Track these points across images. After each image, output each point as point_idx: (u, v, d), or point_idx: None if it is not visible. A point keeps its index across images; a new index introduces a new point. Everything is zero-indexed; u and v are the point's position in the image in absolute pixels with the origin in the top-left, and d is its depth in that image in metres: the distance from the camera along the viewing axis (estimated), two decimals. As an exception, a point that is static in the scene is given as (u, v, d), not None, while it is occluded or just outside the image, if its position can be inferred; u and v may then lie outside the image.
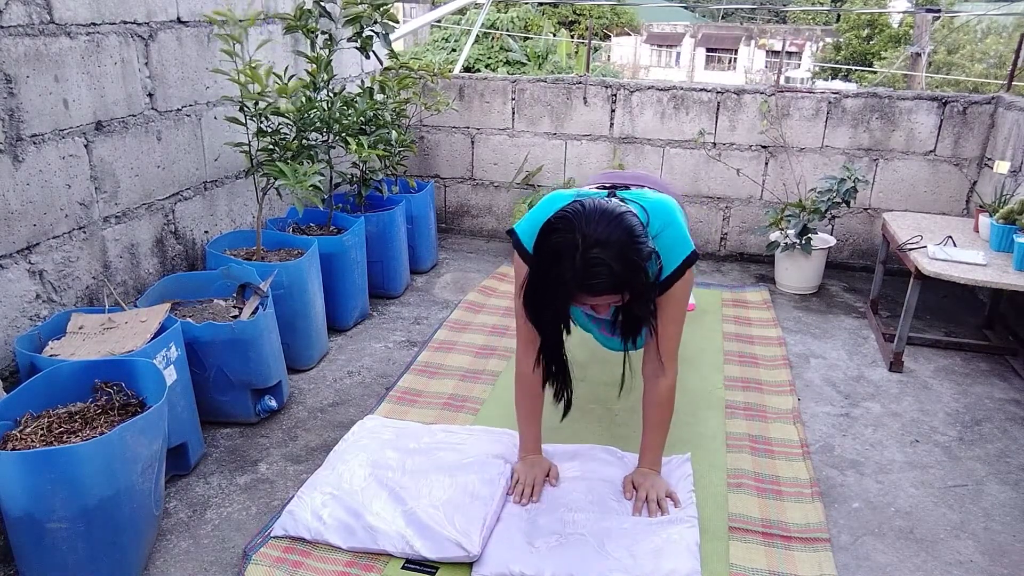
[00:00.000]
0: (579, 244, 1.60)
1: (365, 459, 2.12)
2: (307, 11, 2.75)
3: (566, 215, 1.65)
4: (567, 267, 1.62)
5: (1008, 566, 1.90)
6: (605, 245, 1.60)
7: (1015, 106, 3.48)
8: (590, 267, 1.60)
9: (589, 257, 1.60)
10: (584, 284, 1.63)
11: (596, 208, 1.66)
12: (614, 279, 1.62)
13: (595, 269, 1.60)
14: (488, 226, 4.48)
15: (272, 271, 2.56)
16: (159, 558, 1.86)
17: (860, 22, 18.13)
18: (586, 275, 1.61)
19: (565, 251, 1.61)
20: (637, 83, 4.06)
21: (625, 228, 1.64)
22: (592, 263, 1.60)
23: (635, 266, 1.64)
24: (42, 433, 1.76)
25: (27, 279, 2.08)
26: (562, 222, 1.64)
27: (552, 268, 1.65)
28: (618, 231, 1.63)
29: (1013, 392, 2.78)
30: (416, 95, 3.83)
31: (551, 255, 1.65)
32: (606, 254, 1.60)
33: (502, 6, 10.65)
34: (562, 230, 1.63)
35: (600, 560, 1.79)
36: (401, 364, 2.88)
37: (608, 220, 1.63)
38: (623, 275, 1.62)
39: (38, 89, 2.06)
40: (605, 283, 1.62)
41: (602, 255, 1.60)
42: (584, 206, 1.66)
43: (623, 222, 1.64)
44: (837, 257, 4.07)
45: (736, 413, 2.54)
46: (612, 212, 1.65)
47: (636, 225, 1.66)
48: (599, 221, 1.63)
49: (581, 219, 1.63)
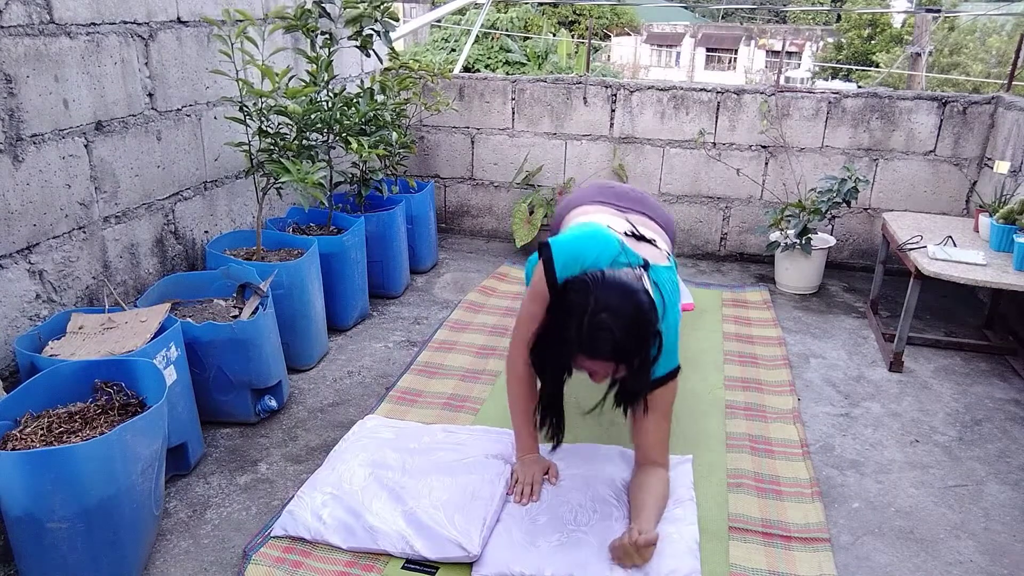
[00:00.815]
0: (589, 307, 1.67)
1: (365, 459, 2.12)
2: (307, 11, 2.75)
3: (586, 280, 1.72)
4: (574, 326, 1.68)
5: (1008, 566, 1.90)
6: (614, 313, 1.66)
7: (1015, 106, 3.48)
8: (595, 330, 1.66)
9: (596, 320, 1.66)
10: (586, 346, 1.69)
11: (616, 279, 1.72)
12: (615, 346, 1.68)
13: (599, 333, 1.66)
14: (488, 226, 4.48)
15: (272, 271, 2.56)
16: (159, 558, 1.86)
17: (862, 22, 18.13)
18: (589, 337, 1.67)
19: (576, 311, 1.68)
20: (637, 83, 4.06)
21: (637, 303, 1.70)
22: (597, 326, 1.66)
23: (638, 339, 1.70)
24: (42, 433, 1.76)
25: (27, 279, 2.08)
26: (581, 284, 1.72)
27: (561, 324, 1.72)
28: (629, 304, 1.69)
29: (1013, 392, 2.78)
30: (416, 95, 3.83)
31: (563, 312, 1.72)
32: (612, 321, 1.66)
33: (502, 6, 10.65)
34: (579, 291, 1.71)
35: (600, 560, 1.79)
36: (401, 364, 2.88)
37: (623, 292, 1.70)
38: (624, 344, 1.68)
39: (38, 89, 2.06)
40: (606, 348, 1.68)
41: (608, 321, 1.66)
42: (605, 275, 1.73)
43: (636, 298, 1.70)
44: (837, 257, 4.07)
45: (736, 413, 2.54)
46: (629, 287, 1.72)
47: (647, 304, 1.72)
48: (614, 290, 1.70)
49: (599, 285, 1.70)
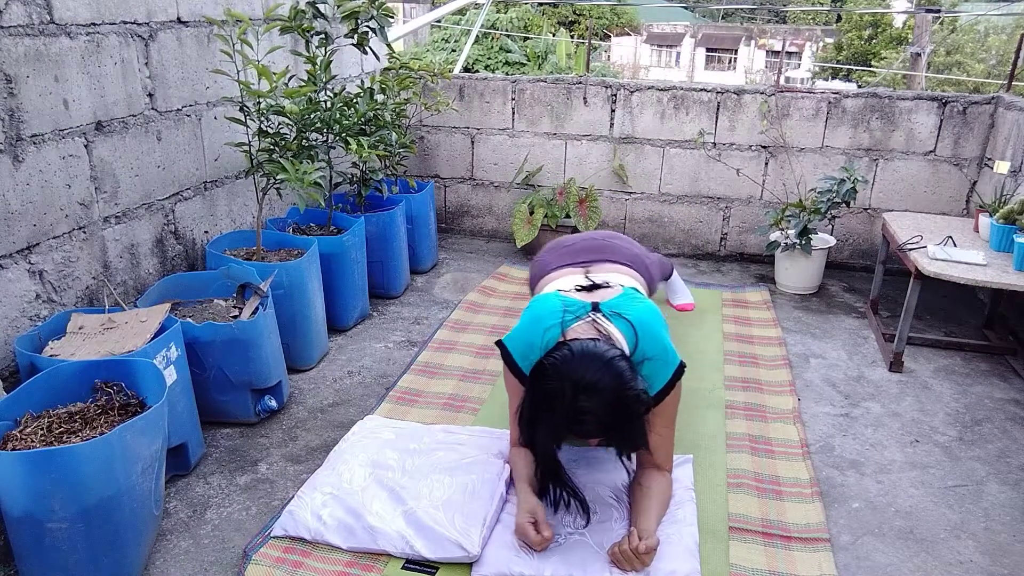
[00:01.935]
0: (567, 392, 1.67)
1: (365, 459, 2.12)
2: (300, 11, 2.74)
3: (556, 362, 1.72)
4: (558, 412, 1.70)
5: (1008, 566, 1.90)
6: (592, 392, 1.67)
7: (1015, 106, 3.48)
8: (578, 415, 1.68)
9: (578, 406, 1.67)
10: (573, 429, 1.72)
11: (584, 352, 1.73)
12: (601, 425, 1.70)
13: (583, 417, 1.68)
14: (488, 226, 4.48)
15: (272, 271, 2.56)
16: (159, 558, 1.86)
17: (862, 22, 18.13)
18: (574, 421, 1.69)
19: (556, 398, 1.69)
20: (637, 83, 4.06)
21: (614, 374, 1.70)
22: (581, 411, 1.67)
23: (623, 413, 1.71)
24: (42, 433, 1.76)
25: (27, 279, 2.08)
26: (553, 369, 1.72)
27: (544, 411, 1.74)
28: (607, 378, 1.69)
29: (1013, 392, 2.78)
30: (416, 95, 3.83)
31: (543, 400, 1.73)
32: (593, 402, 1.67)
33: (502, 6, 10.65)
34: (553, 378, 1.71)
35: (599, 560, 1.79)
36: (401, 364, 2.88)
37: (597, 367, 1.70)
38: (610, 421, 1.70)
39: (38, 89, 2.06)
40: (592, 429, 1.71)
41: (589, 404, 1.67)
42: (573, 352, 1.73)
43: (612, 369, 1.70)
44: (837, 257, 4.08)
45: (736, 413, 2.54)
46: (601, 357, 1.72)
47: (625, 370, 1.72)
48: (587, 366, 1.69)
49: (569, 364, 1.70)
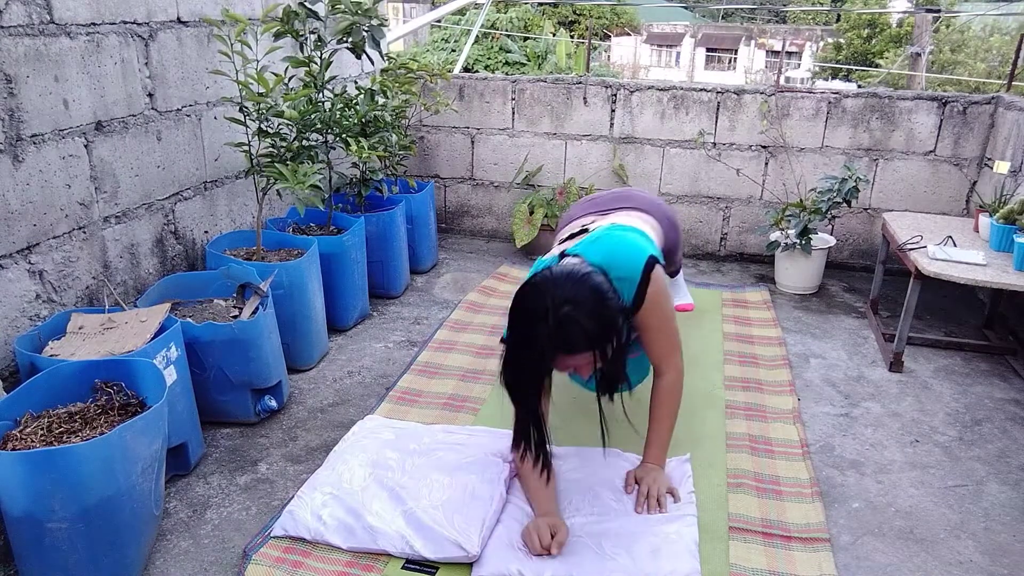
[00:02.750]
0: (550, 306, 1.68)
1: (365, 459, 2.12)
2: (293, 13, 2.73)
3: (534, 283, 1.76)
4: (542, 329, 1.69)
5: (1008, 566, 1.90)
6: (575, 303, 1.69)
7: (1015, 106, 3.48)
8: (563, 326, 1.68)
9: (561, 316, 1.68)
10: (560, 344, 1.70)
11: (562, 272, 1.76)
12: (586, 335, 1.70)
13: (568, 328, 1.68)
14: (488, 226, 4.48)
15: (272, 271, 2.56)
16: (159, 558, 1.86)
17: (861, 22, 18.13)
18: (560, 334, 1.68)
19: (538, 314, 1.70)
20: (637, 83, 4.06)
21: (591, 287, 1.73)
22: (565, 321, 1.68)
23: (606, 321, 1.72)
24: (42, 433, 1.76)
25: (27, 279, 2.08)
26: (531, 288, 1.75)
27: (528, 332, 1.73)
28: (585, 290, 1.72)
29: (1013, 392, 2.78)
30: (416, 95, 3.83)
31: (525, 320, 1.74)
32: (577, 312, 1.68)
33: (502, 6, 10.66)
34: (532, 295, 1.74)
35: (599, 561, 1.79)
36: (401, 364, 2.88)
37: (574, 281, 1.73)
38: (595, 331, 1.70)
39: (38, 89, 2.06)
40: (579, 339, 1.70)
41: (573, 313, 1.68)
42: (551, 271, 1.76)
43: (589, 281, 1.74)
44: (837, 257, 4.08)
45: (736, 413, 2.54)
46: (577, 274, 1.74)
47: (602, 283, 1.75)
48: (565, 283, 1.72)
49: (549, 283, 1.73)
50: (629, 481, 2.06)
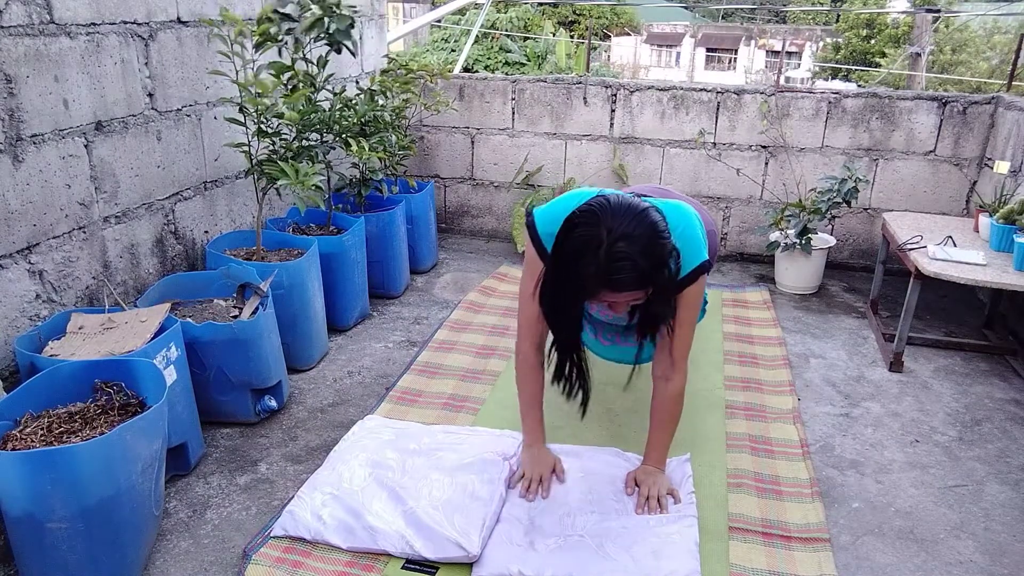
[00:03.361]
0: (604, 238, 1.57)
1: (365, 459, 2.12)
2: (267, 19, 2.67)
3: (591, 208, 1.62)
4: (590, 262, 1.58)
5: (1008, 566, 1.90)
6: (630, 239, 1.58)
7: (1015, 106, 3.48)
8: (615, 261, 1.57)
9: (614, 251, 1.57)
10: (609, 279, 1.60)
11: (621, 204, 1.63)
12: (639, 274, 1.60)
13: (620, 264, 1.57)
14: (488, 226, 4.48)
15: (272, 271, 2.56)
16: (159, 558, 1.86)
17: (860, 22, 18.13)
18: (610, 270, 1.58)
19: (589, 246, 1.58)
20: (637, 83, 4.06)
21: (649, 223, 1.61)
22: (617, 257, 1.57)
23: (659, 261, 1.62)
24: (42, 433, 1.75)
25: (27, 279, 2.08)
26: (586, 216, 1.61)
27: (575, 263, 1.61)
28: (643, 226, 1.60)
29: (1013, 392, 2.78)
30: (416, 95, 3.83)
31: (574, 250, 1.61)
32: (631, 249, 1.57)
33: (502, 6, 10.65)
34: (586, 224, 1.60)
35: (600, 561, 1.79)
36: (401, 364, 2.88)
37: (633, 215, 1.61)
38: (647, 270, 1.60)
39: (38, 89, 2.06)
40: (629, 278, 1.60)
41: (627, 250, 1.57)
42: (608, 200, 1.63)
43: (647, 217, 1.62)
44: (837, 257, 4.07)
45: (736, 413, 2.54)
46: (636, 208, 1.63)
47: (659, 221, 1.64)
48: (624, 216, 1.60)
49: (607, 213, 1.60)
50: (629, 483, 2.06)
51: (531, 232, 1.89)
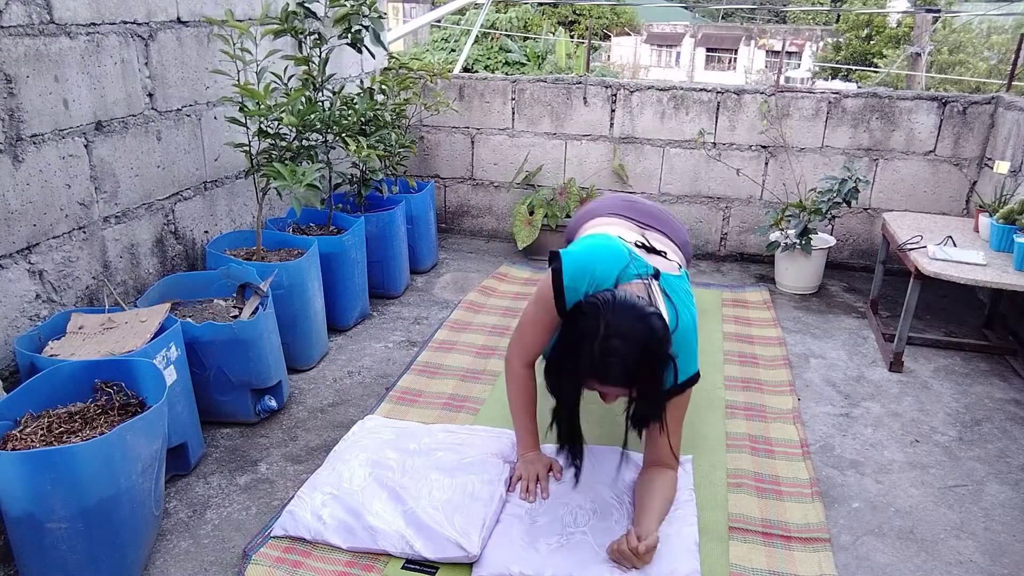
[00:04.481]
0: (600, 332, 1.65)
1: (365, 459, 2.12)
2: (292, 12, 2.72)
3: (597, 302, 1.71)
4: (585, 351, 1.67)
5: (1008, 566, 1.90)
6: (625, 338, 1.65)
7: (1015, 106, 3.49)
8: (605, 355, 1.65)
9: (607, 346, 1.65)
10: (597, 371, 1.68)
11: (627, 302, 1.71)
12: (626, 372, 1.67)
13: (609, 359, 1.65)
14: (488, 226, 4.48)
15: (272, 271, 2.56)
16: (159, 558, 1.86)
17: (859, 22, 18.13)
18: (600, 363, 1.66)
19: (587, 336, 1.67)
20: (637, 83, 4.06)
21: (649, 328, 1.68)
22: (608, 352, 1.65)
23: (650, 365, 1.68)
24: (42, 433, 1.75)
25: (27, 279, 2.08)
26: (592, 307, 1.71)
27: (573, 348, 1.71)
28: (641, 329, 1.67)
29: (1013, 392, 2.78)
30: (416, 95, 3.84)
31: (575, 336, 1.71)
32: (624, 347, 1.65)
33: (502, 6, 10.65)
34: (590, 315, 1.69)
35: (600, 561, 1.79)
36: (401, 364, 2.88)
37: (635, 316, 1.68)
38: (636, 371, 1.67)
39: (38, 89, 2.06)
40: (616, 373, 1.67)
41: (620, 348, 1.65)
42: (615, 297, 1.71)
43: (648, 322, 1.68)
44: (837, 257, 4.07)
45: (736, 413, 2.54)
46: (641, 310, 1.69)
47: (660, 328, 1.70)
48: (626, 314, 1.68)
49: (610, 308, 1.68)
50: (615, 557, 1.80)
51: (555, 275, 1.91)
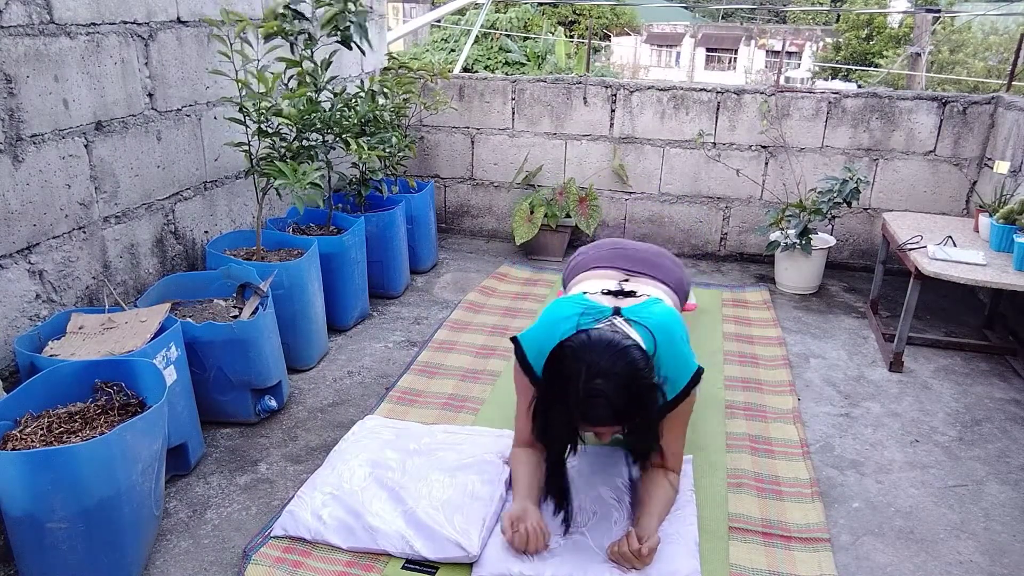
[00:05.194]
0: (582, 375, 1.66)
1: (365, 459, 2.12)
2: (280, 15, 2.70)
3: (572, 346, 1.72)
4: (571, 396, 1.68)
5: (1008, 566, 1.90)
6: (607, 377, 1.66)
7: (1015, 106, 3.48)
8: (591, 397, 1.66)
9: (590, 388, 1.66)
10: (585, 414, 1.69)
11: (601, 339, 1.72)
12: (613, 411, 1.68)
13: (595, 400, 1.66)
14: (488, 226, 4.48)
15: (272, 271, 2.56)
16: (159, 558, 1.86)
17: (860, 22, 18.13)
18: (586, 405, 1.67)
19: (570, 380, 1.68)
20: (637, 83, 4.06)
21: (628, 361, 1.69)
22: (593, 393, 1.66)
23: (636, 401, 1.69)
24: (42, 433, 1.75)
25: (27, 279, 2.08)
26: (569, 351, 1.72)
27: (557, 396, 1.72)
28: (621, 363, 1.68)
29: (1013, 392, 2.78)
30: (416, 95, 3.84)
31: (557, 384, 1.72)
32: (607, 386, 1.65)
33: (502, 6, 10.65)
34: (568, 359, 1.71)
35: (599, 562, 1.79)
36: (401, 364, 2.88)
37: (612, 353, 1.69)
38: (622, 408, 1.68)
39: (38, 89, 2.06)
40: (604, 414, 1.68)
41: (603, 387, 1.65)
42: (590, 337, 1.73)
43: (627, 355, 1.70)
44: (837, 257, 4.07)
45: (736, 413, 2.54)
46: (617, 346, 1.71)
47: (640, 358, 1.71)
48: (603, 352, 1.69)
49: (586, 349, 1.70)
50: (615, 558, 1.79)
51: (518, 357, 1.97)
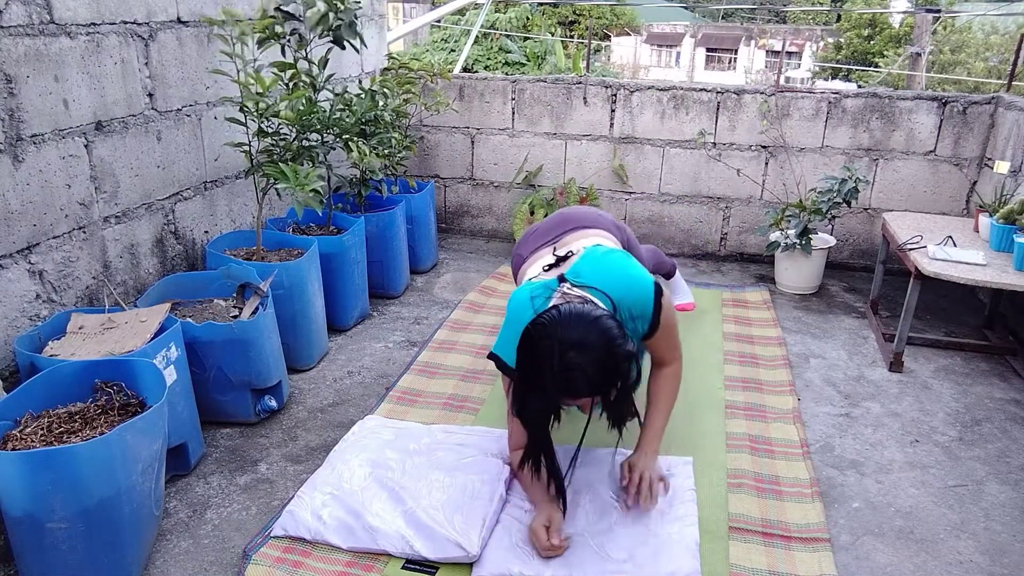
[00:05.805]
0: (555, 350, 1.66)
1: (365, 459, 2.12)
2: (270, 18, 2.66)
3: (542, 323, 1.72)
4: (546, 372, 1.67)
5: (1008, 566, 1.90)
6: (581, 349, 1.66)
7: (1015, 106, 3.48)
8: (567, 371, 1.66)
9: (566, 362, 1.65)
10: (562, 388, 1.69)
11: (572, 312, 1.71)
12: (589, 382, 1.68)
13: (571, 373, 1.66)
14: (488, 226, 4.48)
15: (272, 271, 2.56)
16: (159, 558, 1.86)
17: (861, 22, 18.13)
18: (564, 379, 1.67)
19: (544, 357, 1.67)
20: (637, 83, 4.06)
21: (600, 331, 1.69)
22: (569, 367, 1.65)
23: (612, 370, 1.69)
24: (42, 433, 1.76)
25: (27, 279, 2.08)
26: (540, 328, 1.71)
27: (533, 374, 1.72)
28: (594, 334, 1.68)
29: (1013, 392, 2.78)
30: (416, 95, 3.84)
31: (531, 362, 1.71)
32: (582, 359, 1.65)
33: (502, 6, 10.65)
34: (541, 336, 1.70)
35: (600, 561, 1.79)
36: (401, 364, 2.88)
37: (585, 324, 1.69)
38: (598, 379, 1.68)
39: (38, 89, 2.06)
40: (582, 386, 1.68)
41: (578, 359, 1.65)
42: (560, 312, 1.72)
43: (599, 325, 1.69)
44: (837, 257, 4.07)
45: (736, 413, 2.54)
46: (587, 316, 1.71)
47: (613, 327, 1.71)
48: (575, 326, 1.68)
49: (557, 325, 1.69)
50: (625, 473, 2.03)
51: (502, 370, 1.98)
